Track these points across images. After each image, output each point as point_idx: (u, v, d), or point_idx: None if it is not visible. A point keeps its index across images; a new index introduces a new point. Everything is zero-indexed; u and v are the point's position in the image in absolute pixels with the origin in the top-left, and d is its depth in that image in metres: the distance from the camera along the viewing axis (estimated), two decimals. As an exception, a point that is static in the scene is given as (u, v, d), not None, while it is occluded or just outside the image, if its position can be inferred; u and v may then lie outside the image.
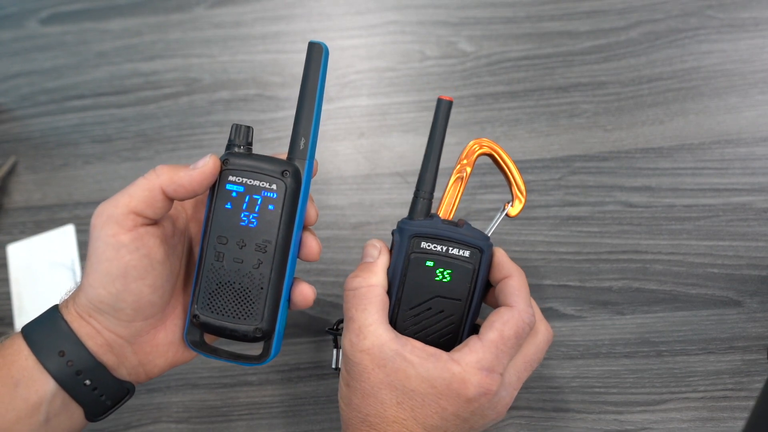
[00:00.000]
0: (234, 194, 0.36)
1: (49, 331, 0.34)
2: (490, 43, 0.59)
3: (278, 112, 0.59)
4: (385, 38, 0.61)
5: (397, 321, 0.37)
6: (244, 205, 0.36)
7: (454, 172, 0.39)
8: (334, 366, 0.41)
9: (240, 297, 0.37)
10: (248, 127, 0.37)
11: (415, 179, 0.57)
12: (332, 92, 0.59)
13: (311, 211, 0.38)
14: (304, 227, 0.39)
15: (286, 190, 0.36)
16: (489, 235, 0.38)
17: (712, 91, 0.55)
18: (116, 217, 0.34)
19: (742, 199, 0.52)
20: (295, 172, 0.36)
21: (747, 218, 0.51)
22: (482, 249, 0.37)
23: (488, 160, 0.42)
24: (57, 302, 0.37)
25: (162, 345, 0.38)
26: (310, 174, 0.37)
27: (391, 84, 0.59)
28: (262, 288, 0.37)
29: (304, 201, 0.37)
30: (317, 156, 0.40)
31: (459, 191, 0.39)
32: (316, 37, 0.61)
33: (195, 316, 0.37)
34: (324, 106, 0.59)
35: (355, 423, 0.35)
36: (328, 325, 0.52)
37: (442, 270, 0.37)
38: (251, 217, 0.36)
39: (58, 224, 0.58)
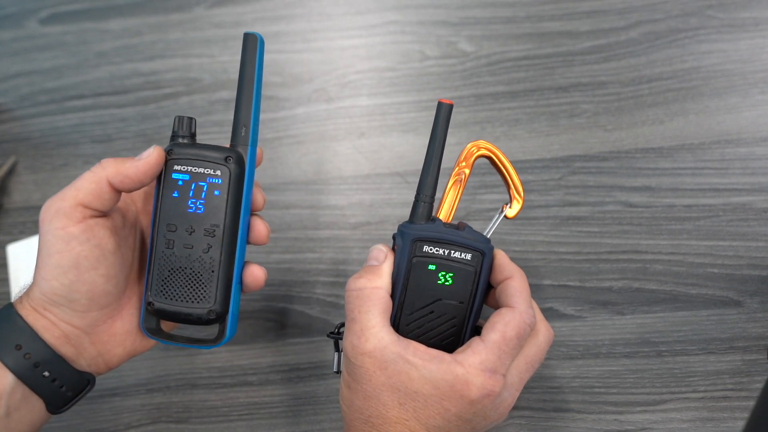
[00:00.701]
0: (180, 182, 0.37)
1: (5, 327, 0.35)
2: (490, 43, 0.59)
3: (278, 112, 0.59)
4: (385, 38, 0.61)
5: (399, 324, 0.37)
6: (191, 192, 0.37)
7: (453, 174, 0.39)
8: (335, 369, 0.41)
9: (192, 281, 0.38)
10: (191, 118, 0.39)
11: (415, 179, 0.56)
12: (332, 92, 0.59)
13: (258, 197, 0.40)
14: (253, 212, 0.40)
15: (230, 176, 0.37)
16: (488, 237, 0.38)
17: (712, 91, 0.55)
18: (64, 210, 0.34)
19: (742, 199, 0.52)
20: (238, 158, 0.38)
21: (747, 218, 0.51)
22: (484, 252, 0.37)
23: (485, 159, 0.42)
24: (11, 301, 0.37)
25: (119, 334, 0.38)
26: (254, 160, 0.39)
27: (391, 84, 0.59)
28: (213, 271, 0.38)
29: (249, 186, 0.38)
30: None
31: (458, 193, 0.39)
32: (316, 37, 0.61)
33: (149, 303, 0.38)
34: (324, 106, 0.59)
35: (357, 425, 0.35)
36: (328, 325, 0.52)
37: (444, 273, 0.37)
38: (198, 203, 0.38)
39: (58, 224, 0.58)
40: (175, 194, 0.37)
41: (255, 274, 0.39)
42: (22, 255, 0.57)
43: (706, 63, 0.56)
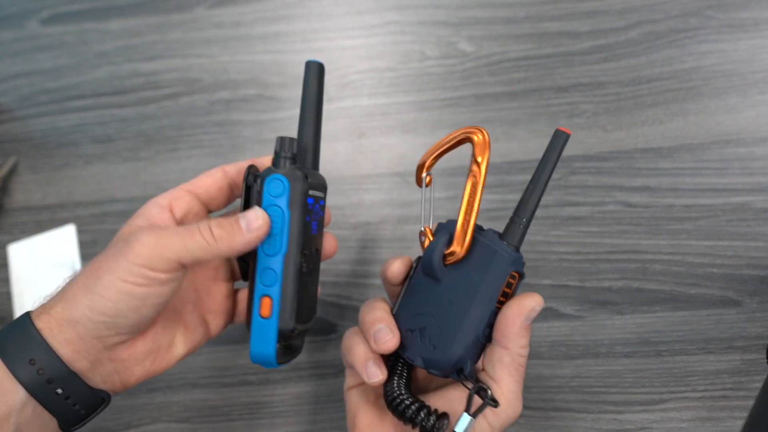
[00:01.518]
0: (309, 207, 0.38)
1: (18, 339, 0.33)
2: (490, 43, 0.59)
3: (279, 112, 0.59)
4: (385, 38, 0.61)
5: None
6: (314, 215, 0.39)
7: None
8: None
9: (311, 300, 0.39)
10: (294, 139, 0.39)
11: (414, 179, 0.56)
12: (332, 92, 0.59)
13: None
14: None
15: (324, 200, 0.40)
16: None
17: (711, 91, 0.55)
18: (164, 255, 0.34)
19: (741, 199, 0.52)
20: None
21: (746, 218, 0.52)
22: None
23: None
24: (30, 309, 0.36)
25: (140, 353, 0.37)
26: None
27: (391, 84, 0.59)
28: (315, 288, 0.40)
29: None
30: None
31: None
32: (316, 37, 0.61)
33: (293, 330, 0.37)
34: (324, 106, 0.59)
35: None
36: (328, 325, 0.52)
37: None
38: (314, 225, 0.39)
39: (59, 224, 0.58)
40: (308, 218, 0.38)
41: None
42: (23, 255, 0.57)
43: (706, 63, 0.56)
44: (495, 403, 0.33)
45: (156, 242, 0.34)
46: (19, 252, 0.58)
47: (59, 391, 0.33)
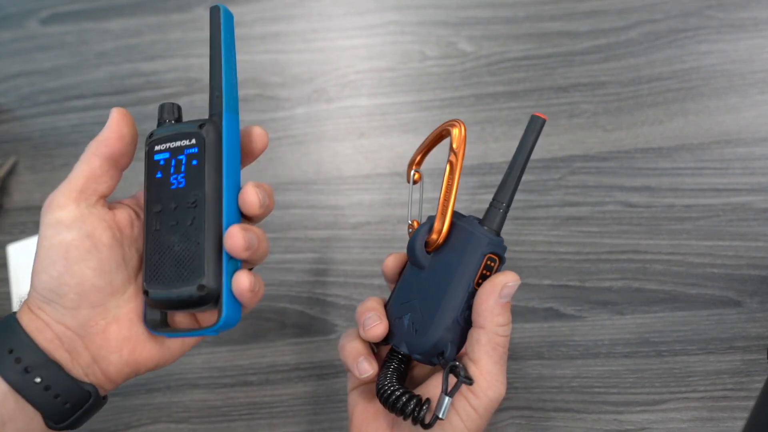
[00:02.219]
0: (161, 162, 0.36)
1: (2, 334, 0.33)
2: (490, 43, 0.59)
3: (278, 112, 0.59)
4: (385, 38, 0.61)
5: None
6: (172, 168, 0.36)
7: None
8: (442, 416, 0.33)
9: (179, 258, 0.35)
10: (174, 104, 0.38)
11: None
12: (332, 92, 0.59)
13: (250, 194, 0.36)
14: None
15: (204, 142, 0.35)
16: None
17: (711, 91, 0.55)
18: (57, 198, 0.34)
19: (741, 199, 0.52)
20: (211, 123, 0.36)
21: (747, 218, 0.52)
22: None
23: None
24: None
25: (114, 339, 0.35)
26: (234, 123, 0.36)
27: (391, 84, 0.59)
28: (198, 243, 0.34)
29: (230, 150, 0.36)
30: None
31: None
32: (316, 37, 0.61)
33: (145, 292, 0.35)
34: (324, 106, 0.59)
35: None
36: (327, 325, 0.52)
37: None
38: (179, 177, 0.35)
39: (59, 224, 0.58)
40: (159, 175, 0.36)
41: (240, 282, 0.34)
42: (22, 255, 0.57)
43: (706, 63, 0.56)
44: (469, 380, 0.33)
45: (51, 193, 0.35)
46: (18, 252, 0.58)
47: (38, 380, 0.32)
